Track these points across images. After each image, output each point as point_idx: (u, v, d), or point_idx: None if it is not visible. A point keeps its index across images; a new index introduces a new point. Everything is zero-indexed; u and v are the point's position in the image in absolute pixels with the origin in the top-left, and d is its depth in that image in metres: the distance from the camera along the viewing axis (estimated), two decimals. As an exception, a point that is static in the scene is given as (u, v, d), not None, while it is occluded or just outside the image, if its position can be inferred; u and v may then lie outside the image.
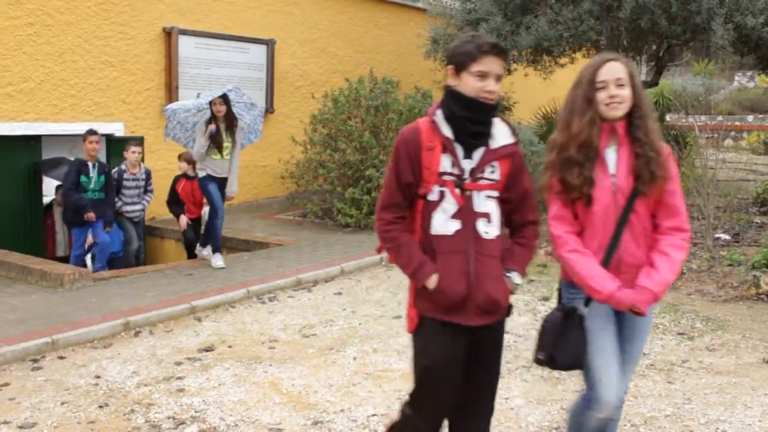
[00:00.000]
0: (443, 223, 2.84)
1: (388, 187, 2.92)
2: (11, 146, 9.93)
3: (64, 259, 9.37)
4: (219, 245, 8.28)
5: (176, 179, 9.62)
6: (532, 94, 16.91)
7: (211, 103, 7.95)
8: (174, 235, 10.26)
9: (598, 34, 11.84)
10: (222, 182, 8.14)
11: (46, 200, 10.91)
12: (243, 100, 8.35)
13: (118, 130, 10.82)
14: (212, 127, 7.84)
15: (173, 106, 8.39)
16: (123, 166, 9.36)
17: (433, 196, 2.84)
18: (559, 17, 11.82)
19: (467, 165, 2.85)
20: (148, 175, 9.57)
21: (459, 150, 2.85)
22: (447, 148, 2.83)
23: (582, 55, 14.47)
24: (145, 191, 9.58)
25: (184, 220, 9.43)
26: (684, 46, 14.57)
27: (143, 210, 9.69)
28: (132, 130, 10.88)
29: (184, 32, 11.38)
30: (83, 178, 8.60)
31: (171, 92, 11.33)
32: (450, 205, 2.83)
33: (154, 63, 11.22)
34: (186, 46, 11.44)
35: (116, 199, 9.14)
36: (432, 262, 2.84)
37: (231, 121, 8.06)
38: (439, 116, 2.88)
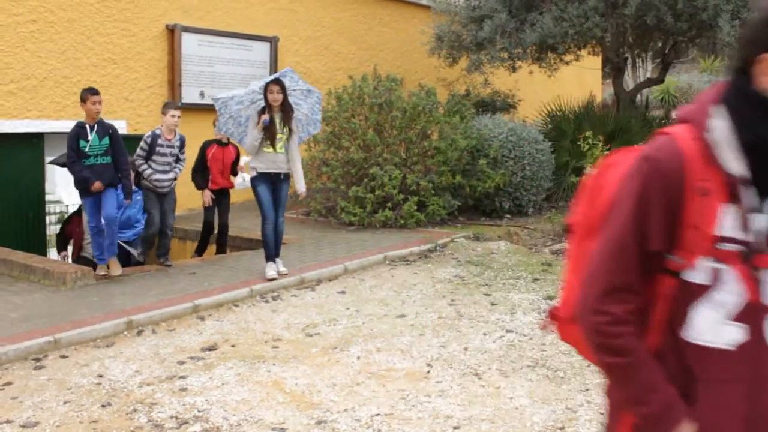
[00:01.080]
0: (716, 326, 1.65)
1: (613, 256, 1.70)
2: (14, 144, 9.91)
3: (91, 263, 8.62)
4: (271, 253, 7.51)
5: (207, 144, 8.96)
6: (536, 91, 16.86)
7: (265, 90, 7.27)
8: (177, 233, 10.22)
9: (603, 31, 11.80)
10: (275, 179, 7.39)
11: (73, 207, 10.69)
12: (299, 86, 7.67)
13: (120, 127, 10.78)
14: (266, 117, 7.16)
15: (223, 96, 7.65)
16: (158, 131, 8.31)
17: (698, 277, 1.65)
18: (564, 14, 11.78)
19: (762, 223, 1.64)
20: (182, 142, 8.48)
21: (751, 198, 1.63)
22: (734, 194, 1.63)
23: (587, 52, 14.44)
24: (177, 160, 8.47)
25: (207, 195, 8.84)
26: (690, 42, 14.51)
27: (174, 179, 8.51)
28: (135, 127, 10.85)
29: (187, 29, 11.35)
30: (81, 143, 7.42)
31: (174, 90, 11.30)
32: (731, 295, 1.63)
33: (157, 60, 11.19)
34: (189, 43, 11.41)
35: (146, 166, 8.19)
36: (683, 398, 1.67)
37: (287, 110, 7.35)
38: (721, 134, 1.65)
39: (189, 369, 5.16)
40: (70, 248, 9.79)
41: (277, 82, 7.26)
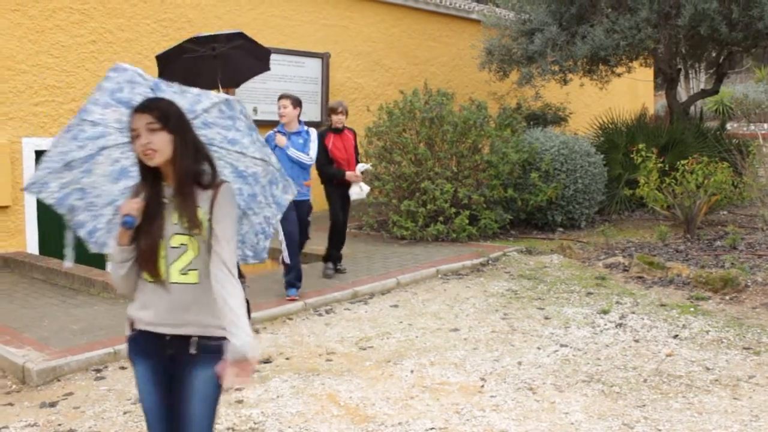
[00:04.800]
0: None
1: None
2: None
3: None
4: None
5: (323, 135, 7.95)
6: (588, 104, 16.73)
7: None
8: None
9: (656, 42, 11.69)
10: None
11: None
12: (204, 102, 6.90)
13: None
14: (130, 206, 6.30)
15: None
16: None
17: None
18: (615, 26, 11.69)
19: None
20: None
21: None
22: None
23: (639, 63, 14.29)
24: None
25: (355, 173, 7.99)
26: (745, 52, 14.29)
27: None
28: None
29: (240, 47, 11.53)
30: None
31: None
32: None
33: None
34: (243, 60, 11.58)
35: None
36: None
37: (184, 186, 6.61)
38: None
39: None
40: None
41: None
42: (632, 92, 18.88)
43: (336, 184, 7.99)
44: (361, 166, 8.04)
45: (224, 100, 2.59)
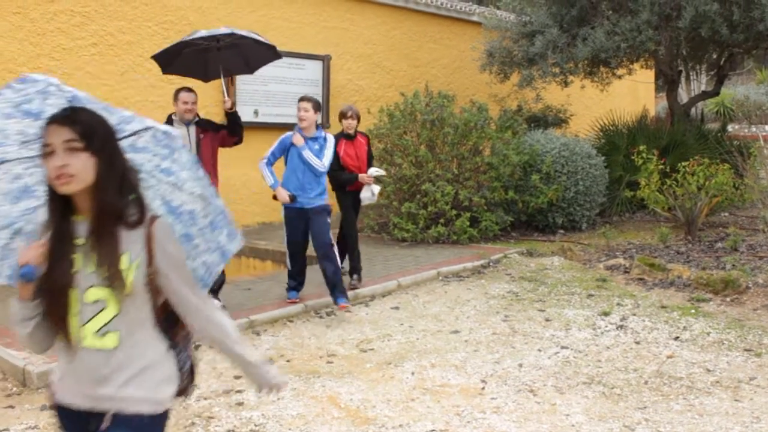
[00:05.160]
0: None
1: None
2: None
3: None
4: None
5: (336, 140, 7.36)
6: (588, 106, 16.73)
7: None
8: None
9: (657, 44, 11.68)
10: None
11: None
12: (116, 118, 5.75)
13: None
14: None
15: None
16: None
17: None
18: (616, 28, 11.69)
19: None
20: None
21: None
22: None
23: (640, 65, 14.29)
24: None
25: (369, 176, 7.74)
26: (746, 54, 14.29)
27: None
28: (191, 146, 11.06)
29: (241, 50, 11.53)
30: None
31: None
32: None
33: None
34: (243, 63, 11.58)
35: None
36: None
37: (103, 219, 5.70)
38: None
39: (245, 383, 5.22)
40: None
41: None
42: (633, 94, 18.88)
43: (348, 191, 7.78)
44: (373, 170, 7.80)
45: (163, 130, 2.10)
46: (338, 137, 7.56)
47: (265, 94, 11.89)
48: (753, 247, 9.46)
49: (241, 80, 11.57)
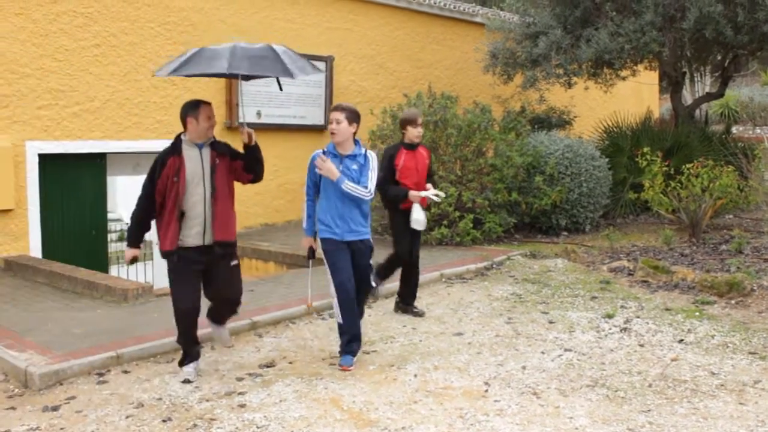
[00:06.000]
0: None
1: None
2: (79, 163, 10.21)
3: None
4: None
5: (394, 151, 6.75)
6: (592, 107, 16.70)
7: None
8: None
9: (661, 45, 11.65)
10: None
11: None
12: None
13: (180, 147, 11.01)
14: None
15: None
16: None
17: None
18: (620, 29, 11.66)
19: None
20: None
21: None
22: None
23: (644, 67, 14.26)
24: None
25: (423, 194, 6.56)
26: (751, 55, 14.25)
27: None
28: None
29: (244, 50, 11.52)
30: None
31: (231, 109, 11.49)
32: None
33: (214, 81, 11.39)
34: (246, 64, 11.57)
35: None
36: None
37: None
38: None
39: (247, 385, 5.21)
40: None
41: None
42: (637, 96, 18.85)
43: (402, 210, 6.67)
44: (431, 191, 6.55)
45: None
46: (398, 146, 6.76)
47: (267, 94, 11.88)
48: (758, 249, 9.42)
49: (243, 81, 11.54)
